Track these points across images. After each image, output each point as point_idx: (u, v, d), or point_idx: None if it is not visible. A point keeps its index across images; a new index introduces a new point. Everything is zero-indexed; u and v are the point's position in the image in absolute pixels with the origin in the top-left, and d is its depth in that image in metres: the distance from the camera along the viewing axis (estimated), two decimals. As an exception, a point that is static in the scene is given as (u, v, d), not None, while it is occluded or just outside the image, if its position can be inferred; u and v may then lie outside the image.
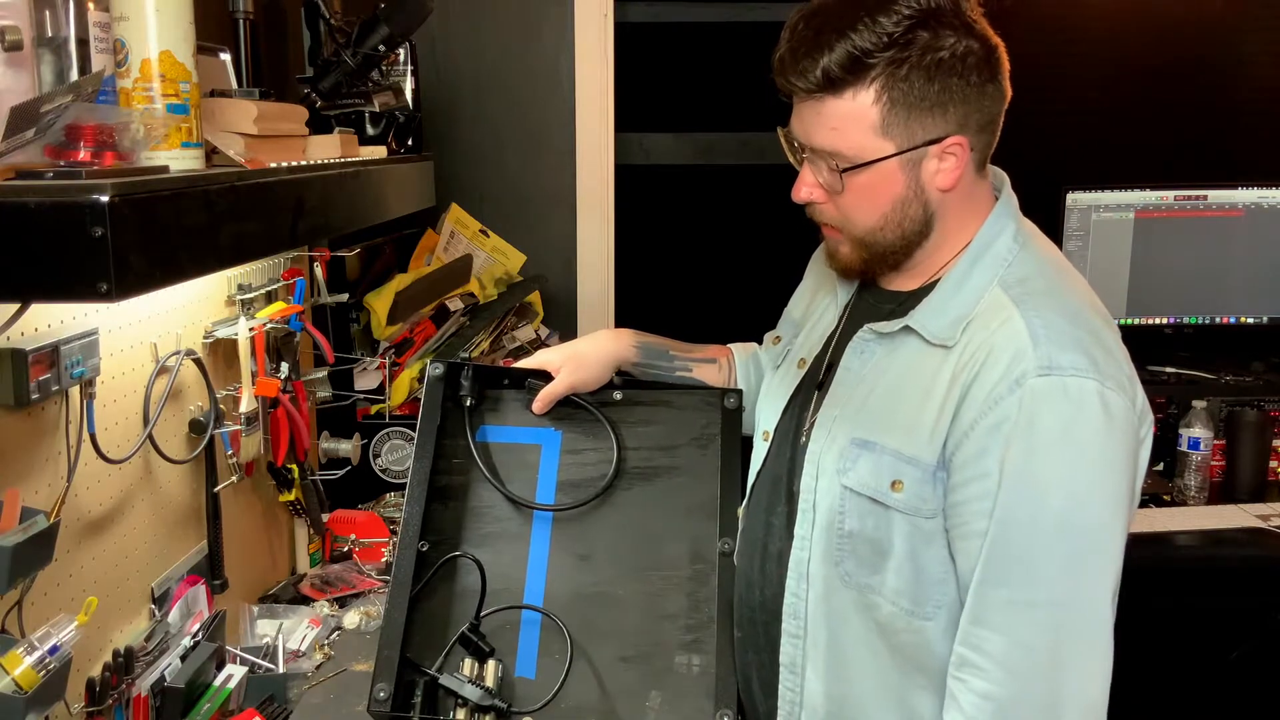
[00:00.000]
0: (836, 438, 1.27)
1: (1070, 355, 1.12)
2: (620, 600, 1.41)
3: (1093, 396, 1.11)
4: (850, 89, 1.16)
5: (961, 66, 1.15)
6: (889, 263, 1.27)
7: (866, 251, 1.26)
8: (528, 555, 1.44)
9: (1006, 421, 1.12)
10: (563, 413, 1.53)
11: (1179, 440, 2.53)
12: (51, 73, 1.08)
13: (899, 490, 1.20)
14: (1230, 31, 2.96)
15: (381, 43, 1.82)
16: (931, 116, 1.17)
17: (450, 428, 1.50)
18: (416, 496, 1.42)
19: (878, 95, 1.15)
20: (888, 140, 1.17)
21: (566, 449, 1.51)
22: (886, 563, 1.22)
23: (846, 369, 1.30)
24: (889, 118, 1.16)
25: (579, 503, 1.47)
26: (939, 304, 1.23)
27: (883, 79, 1.15)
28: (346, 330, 2.22)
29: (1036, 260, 1.24)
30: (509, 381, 1.55)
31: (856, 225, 1.24)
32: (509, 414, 1.54)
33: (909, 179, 1.20)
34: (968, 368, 1.17)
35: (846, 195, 1.22)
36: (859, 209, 1.23)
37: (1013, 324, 1.16)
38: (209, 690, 1.52)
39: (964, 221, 1.25)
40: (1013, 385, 1.12)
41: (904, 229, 1.23)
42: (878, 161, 1.18)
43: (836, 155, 1.19)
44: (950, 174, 1.20)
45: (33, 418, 1.27)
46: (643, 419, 1.54)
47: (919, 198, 1.21)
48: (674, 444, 1.52)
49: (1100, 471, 1.13)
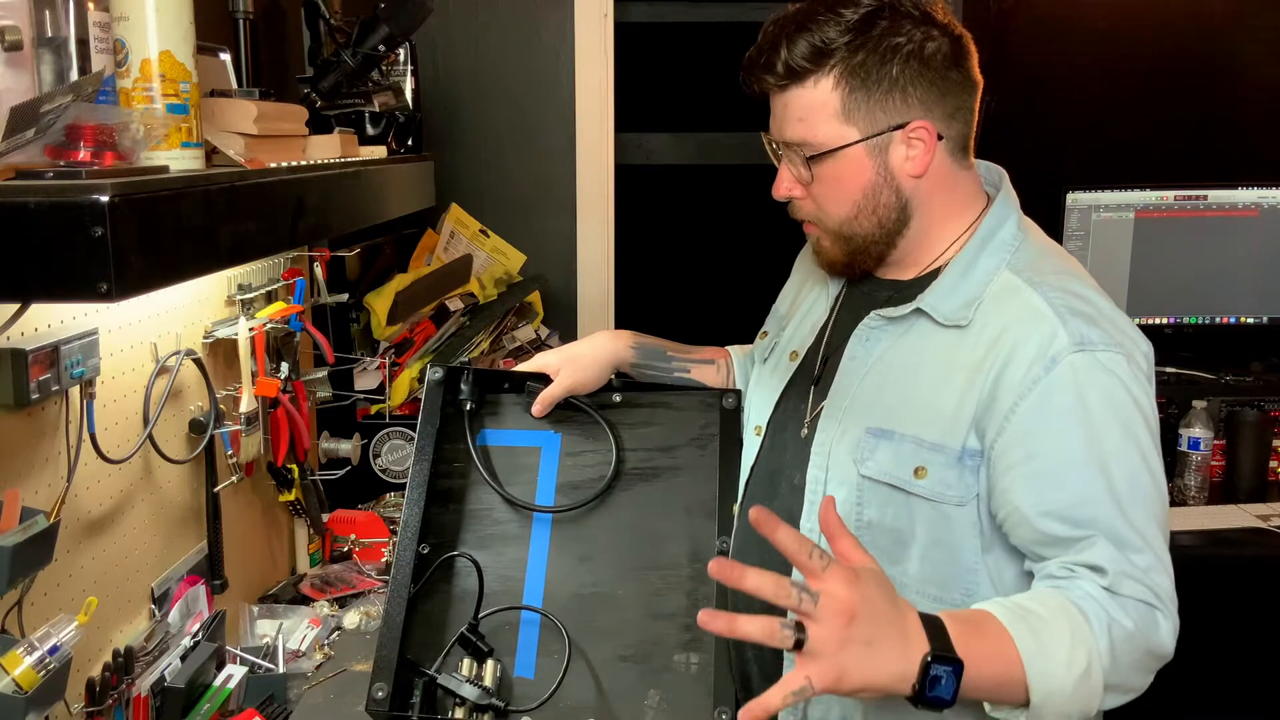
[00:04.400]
0: (849, 428, 1.26)
1: (1098, 331, 1.16)
2: (619, 600, 1.41)
3: (1124, 367, 1.15)
4: (811, 77, 1.20)
5: (921, 53, 1.20)
6: (872, 254, 1.29)
7: (846, 244, 1.28)
8: (527, 557, 1.44)
9: (1048, 399, 1.14)
10: (562, 415, 1.53)
11: (1179, 440, 2.53)
12: (51, 73, 1.08)
13: (922, 477, 1.20)
14: (1230, 31, 2.96)
15: (381, 43, 1.82)
16: (892, 101, 1.20)
17: (450, 431, 1.50)
18: (416, 499, 1.43)
19: (837, 81, 1.20)
20: (851, 126, 1.21)
21: (566, 451, 1.51)
22: (908, 551, 1.22)
23: (851, 357, 1.30)
24: (849, 103, 1.20)
25: (577, 504, 1.47)
26: (949, 287, 1.24)
27: (841, 65, 1.19)
28: (346, 330, 2.22)
29: (1041, 247, 1.27)
30: (508, 385, 1.55)
31: (831, 216, 1.27)
32: (508, 417, 1.54)
33: (877, 165, 1.23)
34: (994, 353, 1.18)
35: (818, 185, 1.25)
36: (831, 199, 1.25)
37: (1033, 304, 1.18)
38: (209, 690, 1.52)
39: (950, 211, 1.27)
40: (1049, 363, 1.14)
41: (879, 217, 1.25)
42: (843, 148, 1.22)
43: (804, 144, 1.23)
44: (919, 160, 1.22)
45: (33, 418, 1.27)
46: (642, 420, 1.54)
47: (890, 184, 1.23)
48: (673, 444, 1.52)
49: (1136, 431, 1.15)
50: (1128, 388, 1.15)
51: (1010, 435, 1.16)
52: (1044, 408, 1.15)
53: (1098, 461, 1.14)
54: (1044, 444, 1.15)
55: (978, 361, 1.19)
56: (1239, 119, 2.98)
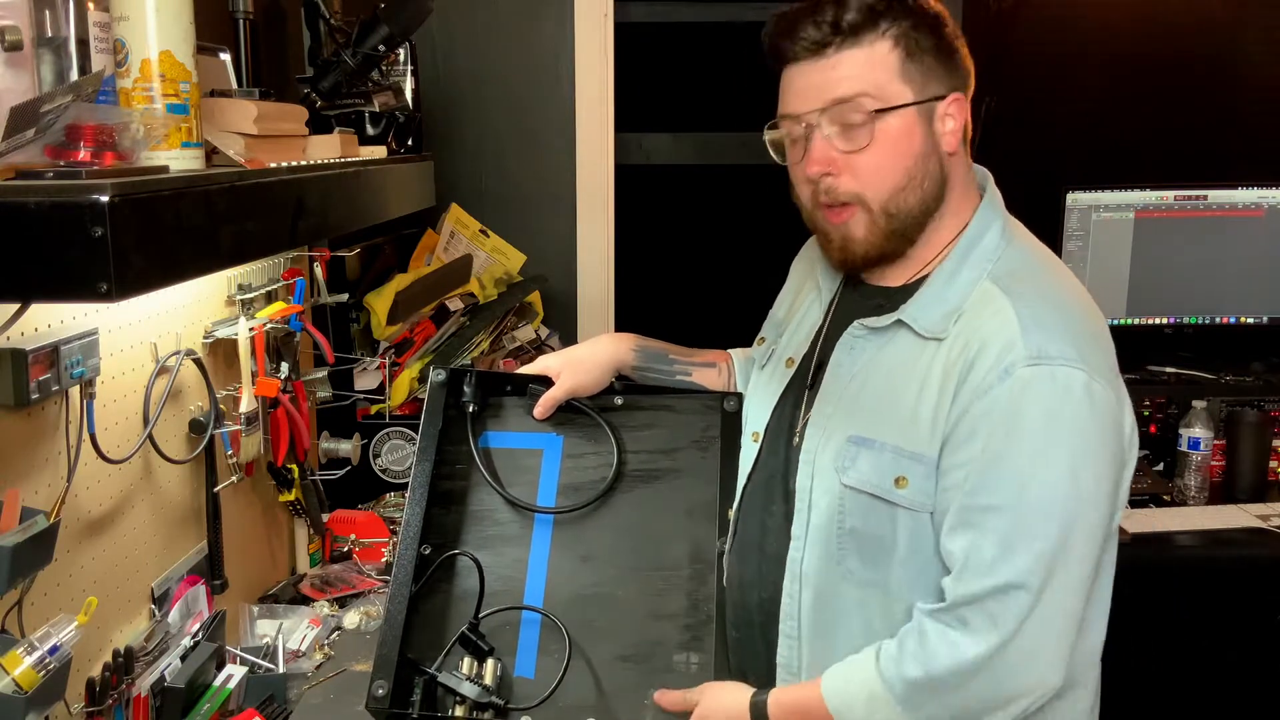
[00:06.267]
0: (832, 436, 1.27)
1: (1059, 345, 1.15)
2: (620, 600, 1.41)
3: (1079, 385, 1.14)
4: (868, 35, 1.20)
5: (951, 30, 1.24)
6: (910, 238, 1.26)
7: (889, 223, 1.24)
8: (528, 557, 1.44)
9: (995, 408, 1.14)
10: (564, 418, 1.53)
11: (1179, 440, 2.52)
12: (51, 73, 1.08)
13: (904, 487, 1.20)
14: (1230, 31, 2.96)
15: (381, 43, 1.82)
16: (940, 70, 1.22)
17: (452, 433, 1.50)
18: (418, 499, 1.43)
19: (895, 42, 1.20)
20: (907, 87, 1.21)
21: (568, 453, 1.51)
22: (891, 558, 1.22)
23: (837, 365, 1.31)
24: (906, 65, 1.21)
25: (579, 505, 1.47)
26: (931, 298, 1.24)
27: (896, 28, 1.20)
28: (346, 330, 2.22)
29: (1024, 255, 1.27)
30: (510, 388, 1.55)
31: (882, 186, 1.22)
32: (510, 419, 1.54)
33: (925, 135, 1.23)
34: (961, 358, 1.18)
35: (871, 151, 1.21)
36: (884, 166, 1.22)
37: (1004, 314, 1.18)
38: (209, 690, 1.53)
39: (958, 203, 1.27)
40: (1002, 374, 1.15)
41: (924, 191, 1.24)
42: (903, 107, 1.21)
43: (865, 97, 1.20)
44: (954, 136, 1.24)
45: (33, 418, 1.27)
46: (643, 423, 1.54)
47: (935, 155, 1.24)
48: (674, 447, 1.52)
49: (1080, 457, 1.14)
50: (1077, 406, 1.14)
51: (954, 441, 1.18)
52: (985, 418, 1.15)
53: (1015, 477, 1.14)
54: (975, 453, 1.15)
55: (948, 368, 1.19)
56: (1239, 119, 2.98)
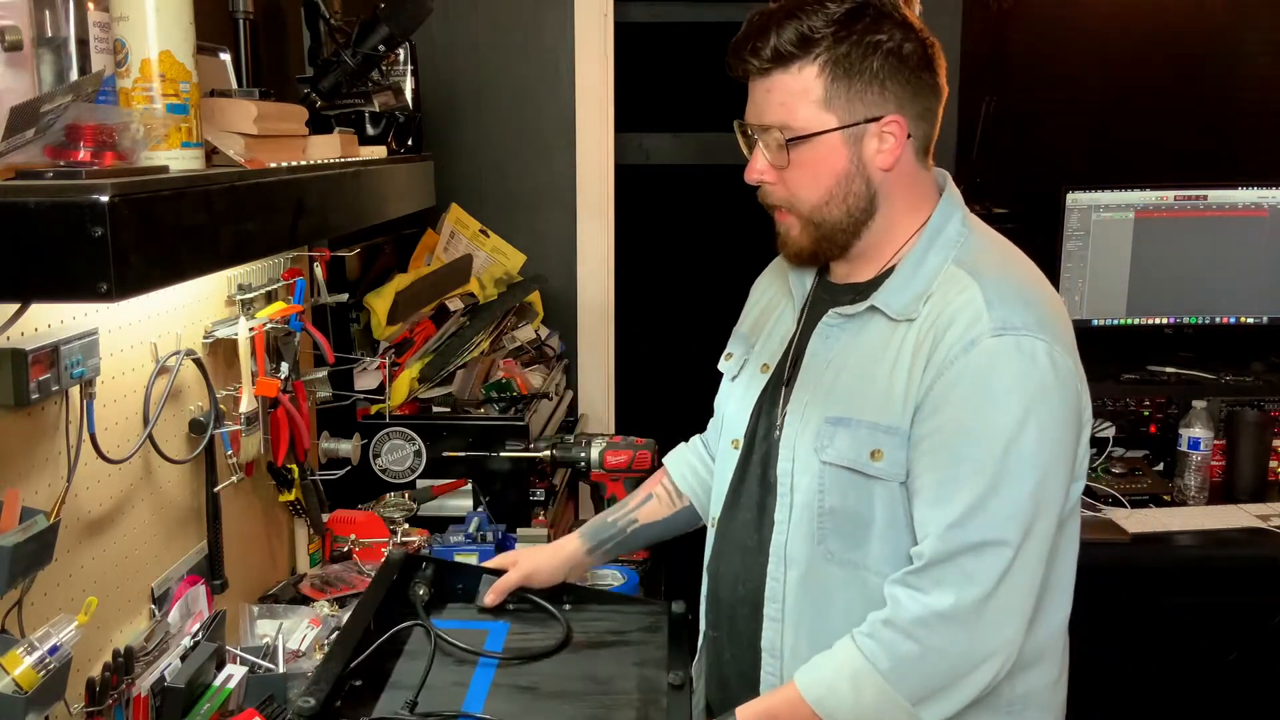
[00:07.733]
0: (810, 420, 1.32)
1: (1022, 317, 1.21)
2: (562, 710, 1.34)
3: (1042, 352, 1.20)
4: (797, 63, 1.25)
5: (900, 51, 1.25)
6: (838, 243, 1.33)
7: (816, 230, 1.32)
8: (468, 685, 1.38)
9: (964, 376, 1.20)
10: (514, 609, 1.55)
11: (1179, 440, 2.52)
12: (51, 73, 1.08)
13: (879, 459, 1.25)
14: (1230, 31, 2.96)
15: (381, 43, 1.82)
16: (870, 94, 1.25)
17: (396, 610, 1.49)
18: (348, 639, 1.39)
19: (821, 69, 1.24)
20: (830, 114, 1.26)
21: (515, 632, 1.51)
22: (869, 534, 1.27)
23: (813, 354, 1.35)
24: (831, 91, 1.25)
25: (528, 649, 1.44)
26: (900, 284, 1.30)
27: (826, 55, 1.24)
28: (346, 330, 2.23)
29: (985, 243, 1.33)
30: (463, 586, 1.57)
31: (804, 201, 1.31)
32: (459, 611, 1.56)
33: (851, 155, 1.27)
34: (930, 333, 1.24)
35: (793, 170, 1.29)
36: (805, 184, 1.29)
37: (969, 292, 1.24)
38: (209, 690, 1.52)
39: (911, 207, 1.32)
40: (969, 344, 1.20)
41: (849, 205, 1.30)
42: (822, 134, 1.26)
43: (784, 128, 1.27)
44: (890, 154, 1.28)
45: (33, 418, 1.27)
46: (592, 616, 1.55)
47: (861, 174, 1.28)
48: (624, 629, 1.52)
49: (1045, 418, 1.20)
50: (1042, 372, 1.20)
51: (923, 411, 1.23)
52: (955, 387, 1.21)
53: (989, 438, 1.19)
54: (946, 420, 1.21)
55: (919, 344, 1.25)
56: (1239, 119, 2.98)
